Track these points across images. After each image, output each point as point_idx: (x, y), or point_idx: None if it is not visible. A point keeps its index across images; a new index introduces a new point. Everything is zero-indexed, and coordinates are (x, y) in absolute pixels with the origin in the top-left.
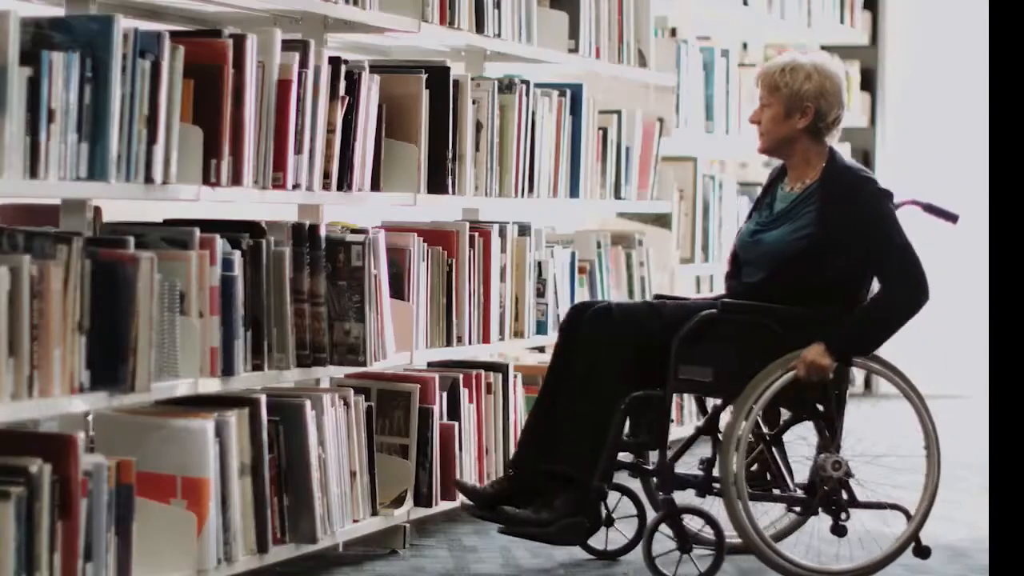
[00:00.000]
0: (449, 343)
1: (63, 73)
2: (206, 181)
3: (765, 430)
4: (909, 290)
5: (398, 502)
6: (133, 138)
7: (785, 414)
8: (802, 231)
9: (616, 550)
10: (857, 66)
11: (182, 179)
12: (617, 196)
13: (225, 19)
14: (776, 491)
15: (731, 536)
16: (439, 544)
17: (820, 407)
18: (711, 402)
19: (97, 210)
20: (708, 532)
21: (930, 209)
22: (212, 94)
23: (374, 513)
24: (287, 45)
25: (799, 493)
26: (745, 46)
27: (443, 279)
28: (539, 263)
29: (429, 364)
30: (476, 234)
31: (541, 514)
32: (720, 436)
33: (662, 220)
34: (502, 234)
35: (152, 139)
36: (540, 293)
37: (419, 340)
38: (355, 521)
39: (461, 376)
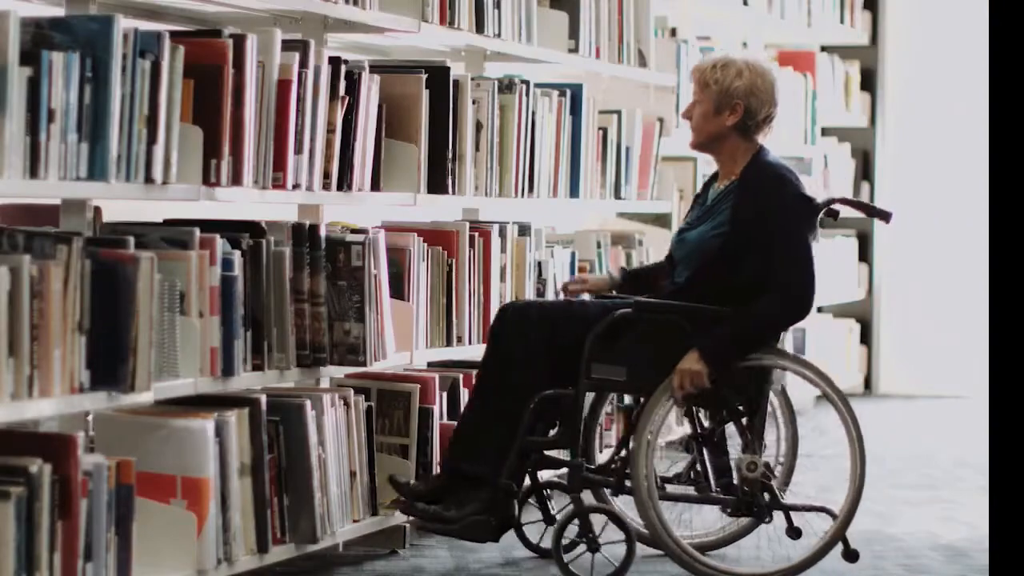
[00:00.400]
0: (449, 343)
1: (63, 73)
2: (206, 181)
3: (699, 429)
4: (787, 301)
5: (398, 502)
6: (133, 138)
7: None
8: (718, 229)
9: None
10: (857, 66)
11: (182, 179)
12: (617, 196)
13: (225, 19)
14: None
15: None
16: (439, 544)
17: (740, 408)
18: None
19: (97, 210)
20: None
21: (861, 207)
22: (212, 94)
23: (374, 513)
24: (287, 45)
25: (718, 493)
26: (745, 46)
27: (443, 279)
28: (539, 263)
29: (429, 364)
30: (476, 234)
31: (450, 511)
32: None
33: (662, 220)
34: (502, 234)
35: (152, 139)
36: (540, 293)
37: (419, 340)
38: (355, 521)
39: (461, 376)
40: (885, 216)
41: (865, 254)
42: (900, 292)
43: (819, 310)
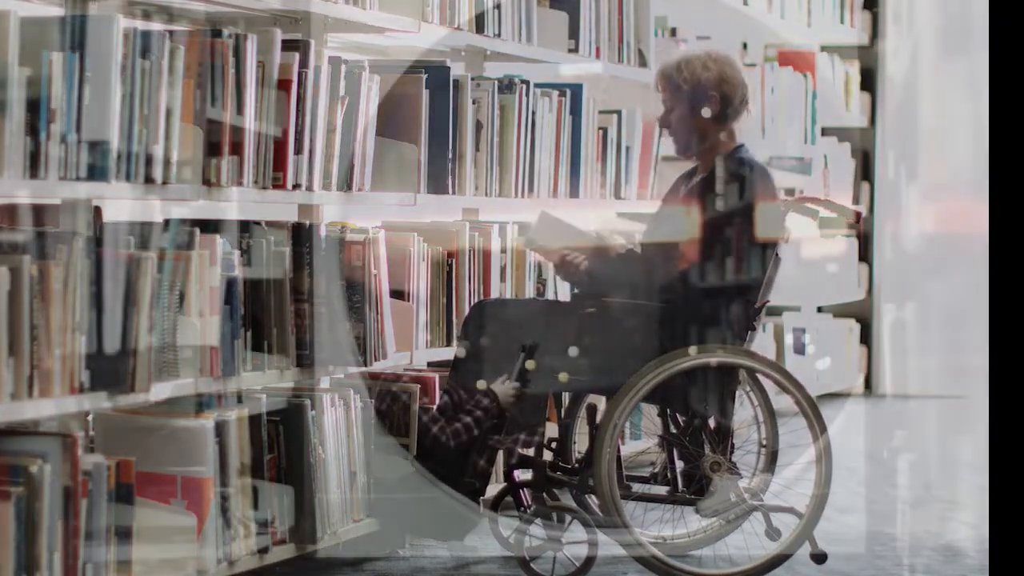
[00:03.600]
0: (449, 343)
1: (63, 73)
2: (206, 181)
3: (674, 430)
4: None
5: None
6: (133, 138)
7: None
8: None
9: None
10: (857, 66)
11: (182, 179)
12: (617, 196)
13: (225, 19)
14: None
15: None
16: (439, 544)
17: (706, 408)
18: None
19: (97, 210)
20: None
21: (829, 206)
22: (212, 94)
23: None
24: (287, 45)
25: (683, 493)
26: (745, 46)
27: (443, 279)
28: (539, 263)
29: (429, 364)
30: (476, 234)
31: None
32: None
33: None
34: (502, 234)
35: (152, 139)
36: (540, 293)
37: (419, 340)
38: (355, 521)
39: None
40: (854, 216)
41: (865, 254)
42: (900, 292)
43: (819, 310)
